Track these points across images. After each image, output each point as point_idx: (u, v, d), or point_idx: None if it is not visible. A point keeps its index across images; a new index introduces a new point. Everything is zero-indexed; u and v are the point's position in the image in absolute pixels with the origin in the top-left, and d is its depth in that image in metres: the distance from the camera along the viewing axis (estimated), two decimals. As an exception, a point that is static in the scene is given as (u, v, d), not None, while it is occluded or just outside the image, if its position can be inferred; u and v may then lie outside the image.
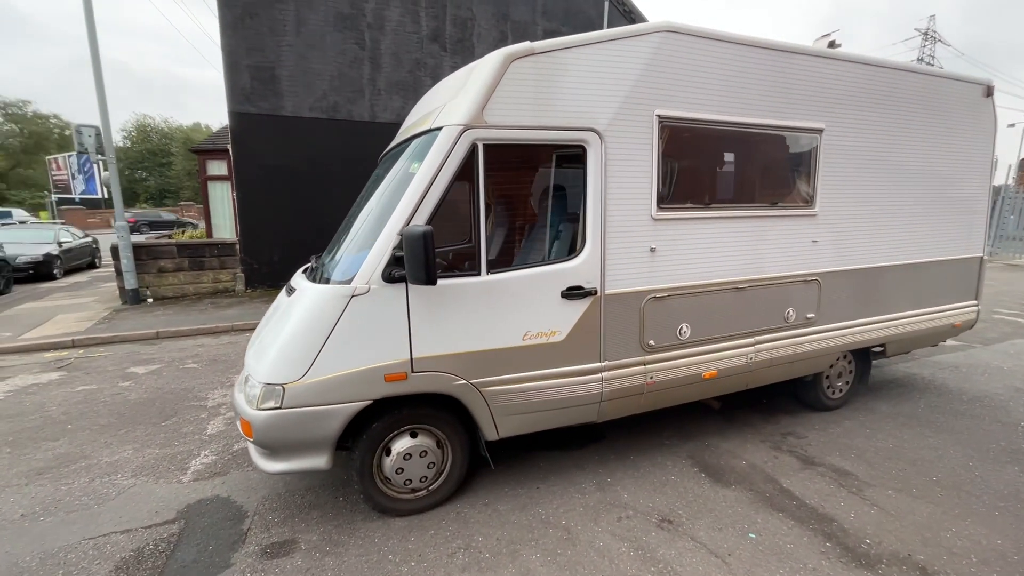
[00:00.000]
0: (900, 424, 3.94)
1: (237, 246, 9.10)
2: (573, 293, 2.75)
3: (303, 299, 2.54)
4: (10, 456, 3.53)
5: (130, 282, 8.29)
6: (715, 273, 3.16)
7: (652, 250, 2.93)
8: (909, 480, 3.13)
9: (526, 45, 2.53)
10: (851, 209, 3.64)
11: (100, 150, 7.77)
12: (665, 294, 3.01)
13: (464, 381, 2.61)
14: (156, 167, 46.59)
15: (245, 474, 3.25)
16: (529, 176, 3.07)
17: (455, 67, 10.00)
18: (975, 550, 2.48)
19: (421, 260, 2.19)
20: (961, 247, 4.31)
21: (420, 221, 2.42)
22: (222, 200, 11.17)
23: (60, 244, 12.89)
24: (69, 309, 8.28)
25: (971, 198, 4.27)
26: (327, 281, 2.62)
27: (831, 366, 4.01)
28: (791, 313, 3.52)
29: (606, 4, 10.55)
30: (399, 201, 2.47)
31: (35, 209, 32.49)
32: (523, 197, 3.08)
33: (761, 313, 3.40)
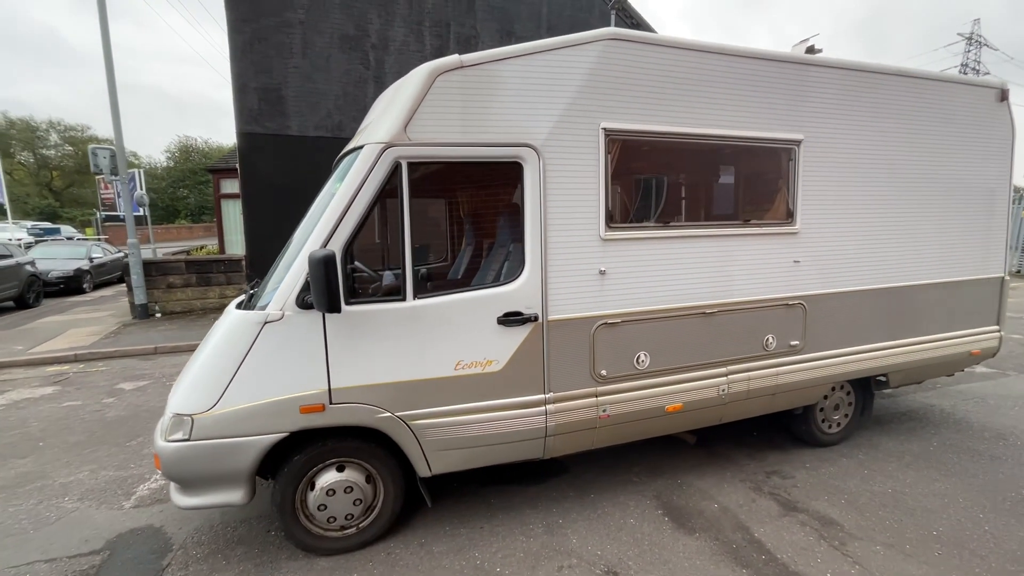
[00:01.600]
0: (905, 464, 3.52)
1: (243, 262, 9.28)
2: (511, 319, 2.56)
3: (221, 325, 2.45)
4: (-27, 474, 3.57)
5: (139, 297, 8.55)
6: (677, 297, 2.91)
7: (602, 273, 2.71)
8: (904, 534, 2.75)
9: (455, 58, 2.40)
10: (839, 226, 3.32)
11: (114, 170, 8.10)
12: (618, 320, 2.78)
13: (388, 414, 2.45)
14: (196, 185, 49.02)
15: (187, 501, 3.16)
16: (463, 195, 2.91)
17: (459, 84, 10.07)
18: (967, 627, 2.11)
19: (323, 286, 2.06)
20: (977, 267, 3.88)
21: (338, 243, 2.30)
22: (235, 217, 11.48)
23: (91, 260, 13.55)
24: (84, 323, 8.59)
25: (986, 213, 3.86)
26: (247, 306, 2.53)
27: (825, 398, 3.64)
28: (771, 340, 3.21)
29: (612, 17, 10.42)
30: (317, 223, 2.36)
31: (83, 226, 34.56)
32: (457, 217, 2.92)
33: (734, 340, 3.11)
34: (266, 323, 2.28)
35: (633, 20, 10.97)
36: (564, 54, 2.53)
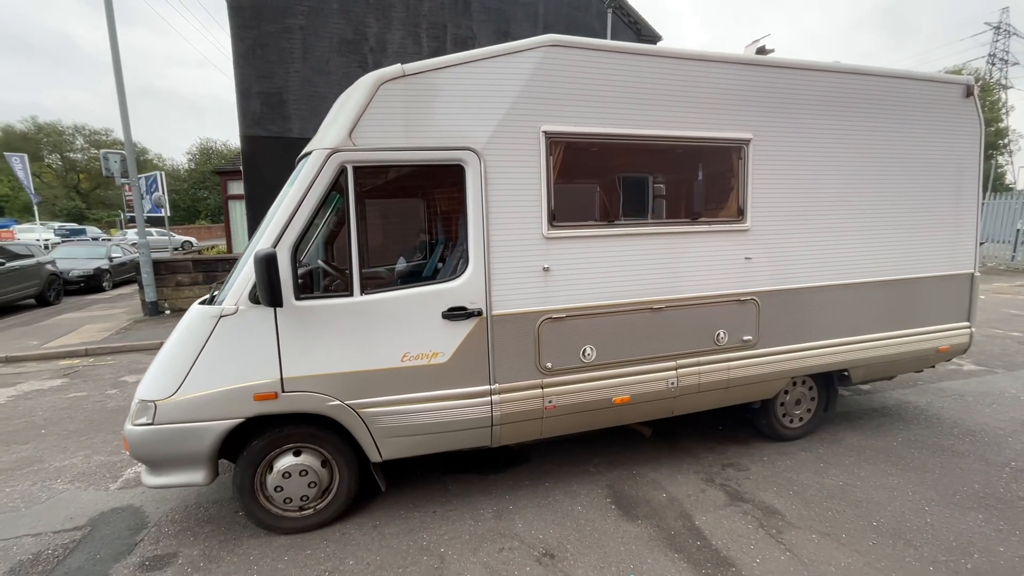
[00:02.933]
0: (863, 459, 3.56)
1: (247, 261, 9.61)
2: (455, 314, 2.70)
3: (184, 319, 2.64)
4: (-20, 458, 3.87)
5: (150, 295, 8.93)
6: (623, 293, 3.01)
7: (545, 269, 2.83)
8: (843, 524, 2.82)
9: (397, 68, 2.54)
10: (793, 223, 3.37)
11: (124, 173, 8.48)
12: (563, 315, 2.89)
13: (339, 402, 2.61)
14: (215, 186, 50.28)
15: (167, 484, 3.39)
16: (409, 197, 3.06)
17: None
18: (880, 611, 2.18)
19: (265, 282, 2.23)
20: (944, 263, 3.88)
21: (288, 243, 2.47)
22: (241, 218, 11.87)
23: (111, 259, 14.11)
24: (99, 320, 9.02)
25: (954, 208, 3.85)
26: (209, 301, 2.72)
27: (786, 392, 3.70)
28: (723, 335, 3.29)
29: (609, 16, 10.45)
30: (269, 224, 2.53)
31: (108, 227, 35.82)
32: (403, 218, 3.07)
33: (684, 335, 3.20)
34: (221, 317, 2.46)
35: (631, 19, 10.98)
36: (504, 61, 2.66)
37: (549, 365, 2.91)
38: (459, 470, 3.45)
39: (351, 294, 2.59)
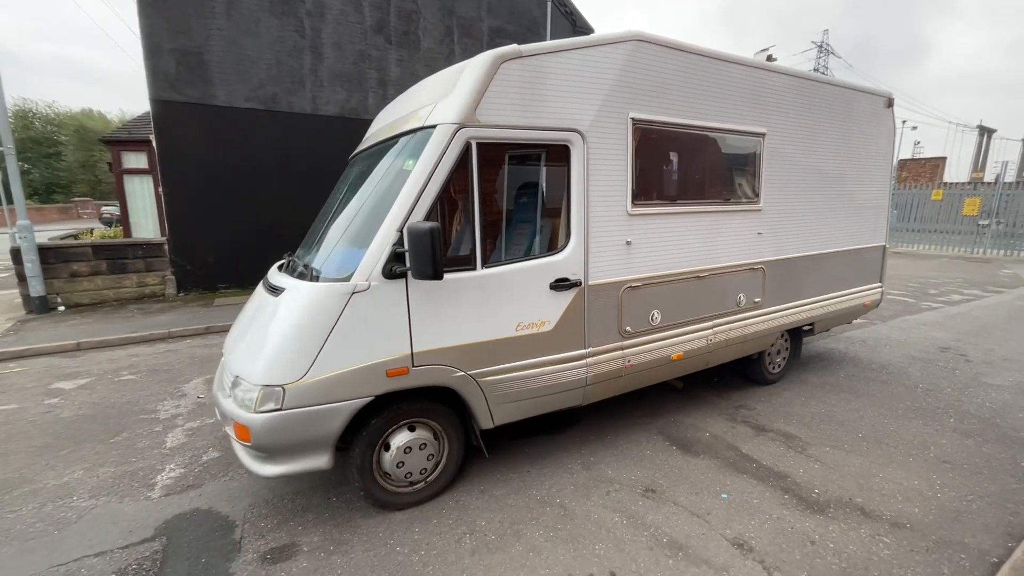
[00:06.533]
0: (827, 392, 4.52)
1: (166, 247, 8.36)
2: (560, 285, 2.92)
3: (297, 297, 2.49)
4: (-71, 488, 3.11)
5: (36, 289, 7.37)
6: (681, 263, 3.47)
7: (628, 243, 3.17)
8: (841, 438, 3.64)
9: (513, 48, 2.64)
10: (788, 204, 4.11)
11: (-5, 139, 6.81)
12: (639, 283, 3.26)
13: (463, 373, 2.69)
14: (41, 158, 40.92)
15: (223, 484, 3.11)
16: (517, 174, 3.18)
17: (401, 60, 9.85)
18: (899, 491, 2.96)
19: (428, 255, 2.24)
20: (869, 237, 5.00)
21: (418, 217, 2.47)
22: (142, 196, 10.17)
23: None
24: (-41, 321, 7.21)
25: (877, 194, 4.97)
26: (317, 278, 2.59)
27: (772, 344, 4.51)
28: (742, 298, 3.93)
29: (548, 4, 10.81)
30: (395, 198, 2.49)
31: None
32: (512, 194, 3.18)
33: (718, 299, 3.77)
34: (354, 293, 2.39)
35: (567, 8, 11.46)
36: (604, 50, 2.89)
37: (628, 329, 3.27)
38: (524, 435, 3.67)
39: (474, 267, 2.66)
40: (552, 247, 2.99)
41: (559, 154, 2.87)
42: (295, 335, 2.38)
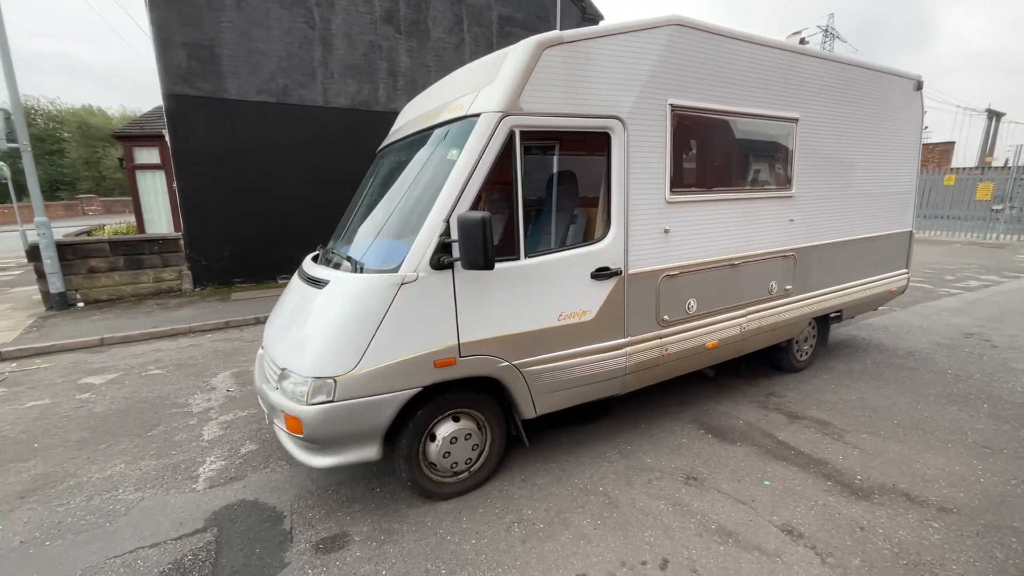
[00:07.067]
0: (856, 379, 4.51)
1: (181, 241, 8.37)
2: (601, 274, 2.90)
3: (345, 289, 2.49)
4: (-25, 483, 3.15)
5: (56, 285, 7.40)
6: (716, 251, 3.44)
7: (666, 231, 3.14)
8: (876, 424, 3.63)
9: (555, 34, 2.60)
10: (820, 190, 4.07)
11: (12, 136, 6.80)
12: (677, 272, 3.24)
13: (507, 363, 2.69)
14: (44, 155, 40.85)
15: (265, 476, 3.13)
16: (557, 163, 3.15)
17: (411, 51, 9.76)
18: (942, 476, 2.96)
19: (480, 245, 2.22)
20: (897, 223, 4.95)
21: (464, 207, 2.45)
22: (154, 192, 10.16)
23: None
24: (-20, 319, 7.25)
25: (905, 179, 4.91)
26: (362, 270, 2.58)
27: (801, 331, 4.49)
28: (773, 285, 3.91)
29: (558, -8, 10.66)
30: (439, 189, 2.47)
31: None
32: (552, 183, 3.16)
33: (751, 286, 3.75)
34: (402, 284, 2.38)
35: (577, -4, 11.30)
36: (644, 35, 2.84)
37: (666, 317, 3.25)
38: (558, 425, 3.68)
39: (518, 257, 2.65)
40: (589, 237, 2.97)
41: (599, 142, 2.84)
42: (345, 327, 2.38)
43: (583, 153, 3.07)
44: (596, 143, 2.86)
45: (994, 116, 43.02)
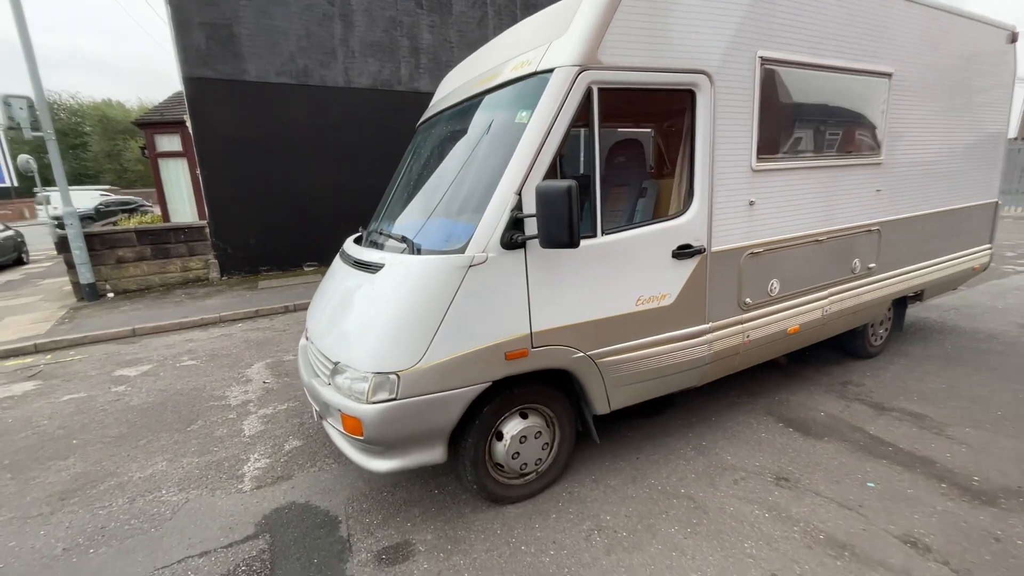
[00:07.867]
0: (940, 365, 4.11)
1: (207, 230, 8.23)
2: (683, 252, 2.57)
3: (405, 272, 2.21)
4: (15, 481, 3.01)
5: (85, 276, 7.33)
6: (801, 226, 3.08)
7: (751, 204, 2.79)
8: (977, 417, 3.26)
9: None
10: (909, 156, 3.64)
11: (36, 125, 6.66)
12: (761, 249, 2.90)
13: (582, 353, 2.40)
14: (68, 149, 41.49)
15: (313, 475, 2.92)
16: (635, 125, 2.81)
17: (432, 26, 9.34)
18: (1075, 476, 2.60)
19: (565, 220, 1.91)
20: (983, 192, 4.48)
21: (538, 176, 2.14)
22: (176, 180, 10.04)
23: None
24: (16, 311, 7.25)
25: (993, 144, 4.41)
26: (419, 252, 2.30)
27: (881, 314, 4.10)
28: (857, 264, 3.52)
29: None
30: (507, 158, 2.16)
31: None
32: (627, 149, 2.82)
33: (834, 265, 3.37)
34: (470, 267, 2.09)
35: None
36: (733, -25, 2.46)
37: (748, 300, 2.92)
38: (621, 419, 3.38)
39: (595, 234, 2.34)
40: (662, 211, 2.64)
41: (682, 100, 2.49)
42: (407, 315, 2.10)
43: (663, 113, 2.71)
44: (678, 102, 2.51)
45: (1038, 83, 40.48)
